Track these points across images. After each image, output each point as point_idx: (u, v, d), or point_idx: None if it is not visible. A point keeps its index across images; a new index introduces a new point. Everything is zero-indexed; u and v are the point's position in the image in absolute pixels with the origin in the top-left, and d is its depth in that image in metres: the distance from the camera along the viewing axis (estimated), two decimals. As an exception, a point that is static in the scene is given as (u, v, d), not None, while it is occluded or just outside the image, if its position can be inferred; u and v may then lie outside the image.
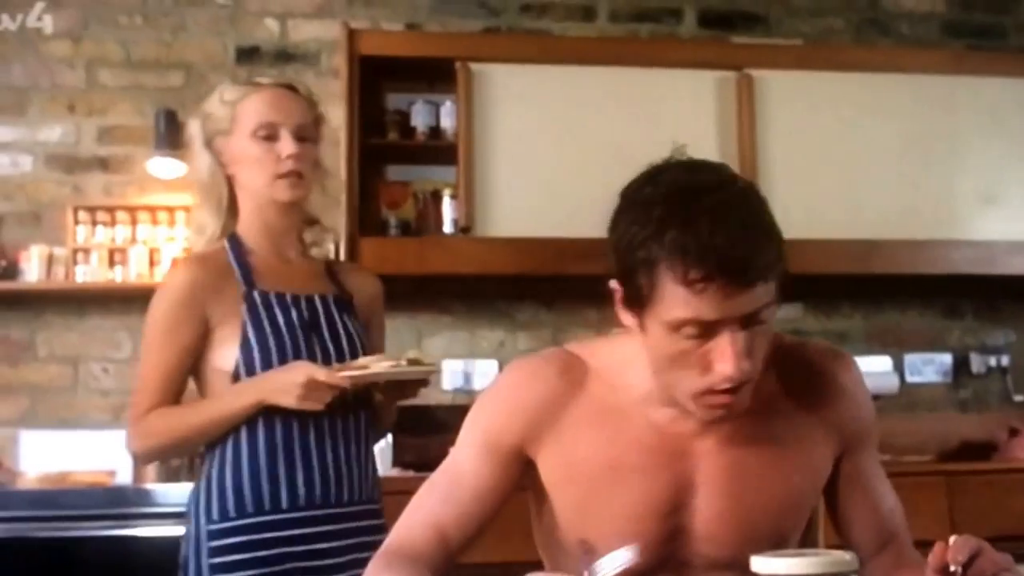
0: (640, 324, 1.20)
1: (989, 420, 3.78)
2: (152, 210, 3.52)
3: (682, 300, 1.13)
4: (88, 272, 3.43)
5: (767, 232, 1.16)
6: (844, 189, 3.51)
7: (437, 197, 3.53)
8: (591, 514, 1.29)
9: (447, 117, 3.52)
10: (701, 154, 1.25)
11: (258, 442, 1.85)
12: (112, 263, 3.45)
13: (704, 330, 1.14)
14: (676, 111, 3.44)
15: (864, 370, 1.42)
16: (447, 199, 3.47)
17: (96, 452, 3.30)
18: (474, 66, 3.41)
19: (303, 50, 3.75)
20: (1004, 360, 3.94)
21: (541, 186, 3.39)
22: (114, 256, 3.45)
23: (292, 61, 3.71)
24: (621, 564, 1.19)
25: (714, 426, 1.27)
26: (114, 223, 3.49)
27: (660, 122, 3.39)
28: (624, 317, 1.23)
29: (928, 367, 3.93)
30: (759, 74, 3.53)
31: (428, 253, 3.36)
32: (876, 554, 1.36)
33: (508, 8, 3.88)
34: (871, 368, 3.56)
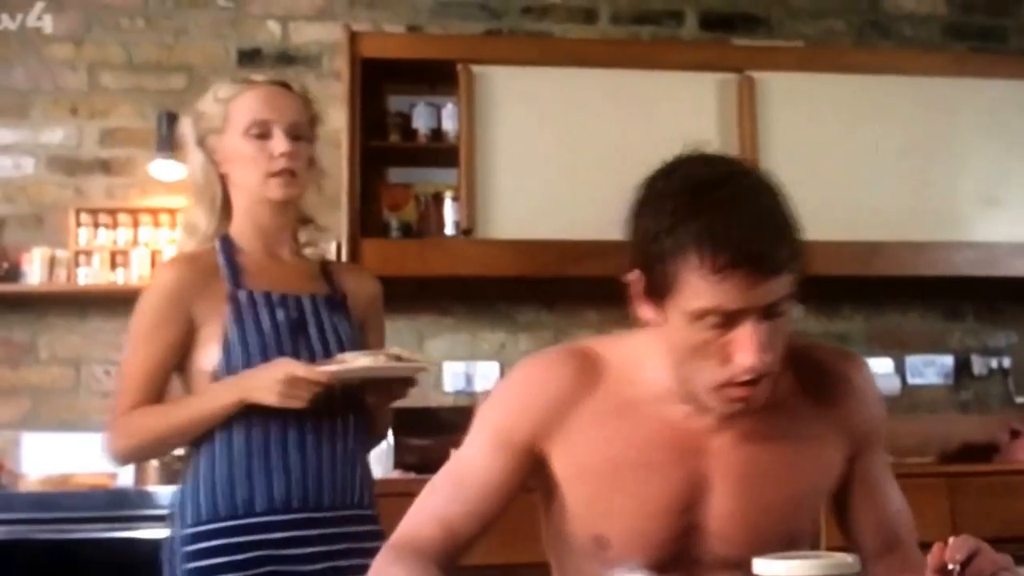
0: (660, 315, 1.20)
1: (990, 422, 3.77)
2: (154, 212, 3.53)
3: (704, 289, 1.13)
4: (90, 274, 3.43)
5: (788, 223, 1.17)
6: (845, 191, 3.50)
7: (438, 199, 3.53)
8: (605, 510, 1.29)
9: (448, 119, 3.52)
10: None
11: (234, 444, 1.81)
12: (114, 265, 3.45)
13: (725, 320, 1.14)
14: (677, 113, 3.44)
15: (866, 372, 1.41)
16: (448, 201, 3.47)
17: (98, 454, 3.28)
18: (475, 68, 3.41)
19: (304, 52, 3.75)
20: (1005, 362, 3.94)
21: (542, 188, 3.39)
22: (116, 258, 3.46)
23: (293, 63, 3.71)
24: None
25: (729, 423, 1.27)
26: (116, 225, 3.50)
27: (661, 124, 3.38)
28: (643, 310, 1.23)
29: (929, 369, 3.93)
30: (760, 76, 3.53)
31: (429, 255, 3.36)
32: (881, 556, 1.35)
33: (509, 10, 3.88)
34: (872, 370, 3.55)
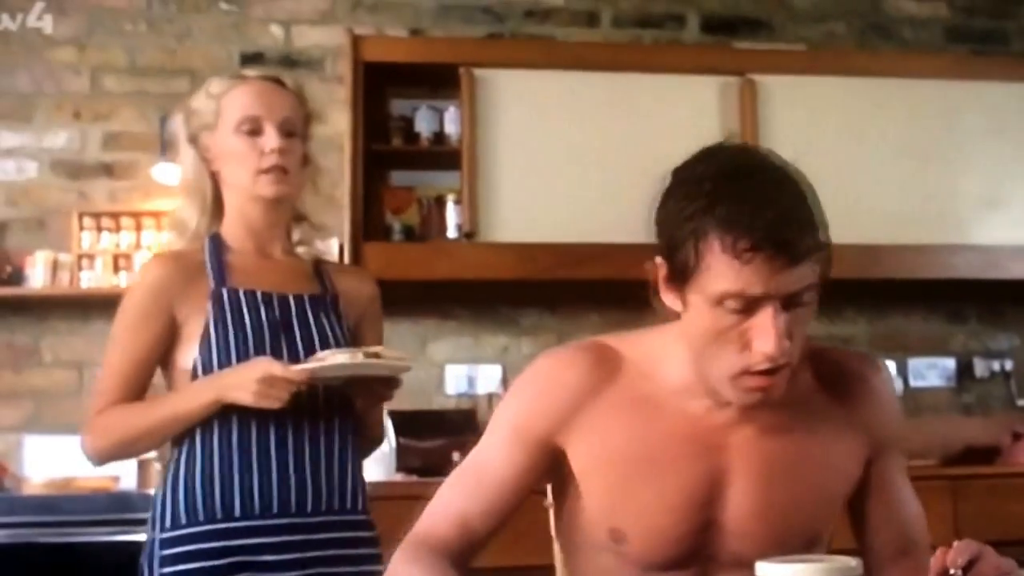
0: (682, 301, 1.20)
1: (993, 424, 3.77)
2: (157, 216, 3.52)
3: (728, 271, 1.12)
4: (93, 278, 3.44)
5: (816, 213, 1.17)
6: (847, 194, 3.50)
7: (441, 202, 3.53)
8: (622, 503, 1.28)
9: (451, 123, 3.53)
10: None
11: (212, 445, 1.75)
12: (117, 269, 3.45)
13: (747, 305, 1.14)
14: (679, 116, 3.44)
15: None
16: (451, 204, 3.48)
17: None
18: (478, 72, 3.41)
19: (307, 56, 3.75)
20: (1008, 364, 3.94)
21: (545, 191, 3.39)
22: (119, 262, 3.46)
23: (296, 67, 3.71)
24: None
25: (750, 418, 1.26)
26: (119, 229, 3.50)
27: (663, 127, 3.39)
28: (666, 296, 1.23)
29: (932, 371, 3.92)
30: (762, 79, 3.53)
31: (432, 258, 3.36)
32: (896, 560, 1.34)
33: (512, 14, 3.89)
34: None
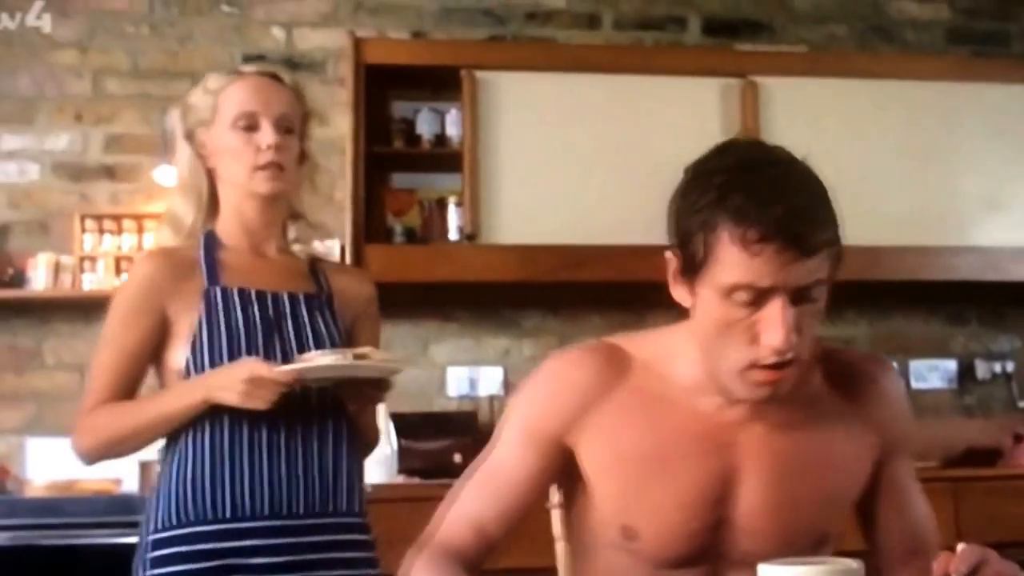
0: (692, 294, 1.21)
1: (994, 426, 3.78)
2: (159, 218, 3.51)
3: (737, 262, 1.13)
4: (95, 280, 3.44)
5: (827, 209, 1.19)
6: (848, 195, 3.42)
7: (442, 204, 3.54)
8: (633, 501, 1.28)
9: (452, 125, 3.53)
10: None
11: (201, 446, 1.73)
12: (119, 271, 3.45)
13: (755, 298, 1.14)
14: (680, 118, 3.44)
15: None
16: (452, 206, 3.48)
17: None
18: (479, 74, 3.42)
19: (309, 59, 3.76)
20: (1009, 366, 3.93)
21: (546, 193, 3.39)
22: (121, 264, 3.46)
23: (298, 70, 3.71)
24: None
25: (760, 416, 1.26)
26: (121, 231, 3.51)
27: (665, 129, 3.39)
28: (676, 291, 1.24)
29: (933, 373, 3.92)
30: (763, 81, 3.54)
31: (433, 260, 3.37)
32: (906, 562, 1.34)
33: (513, 16, 3.89)
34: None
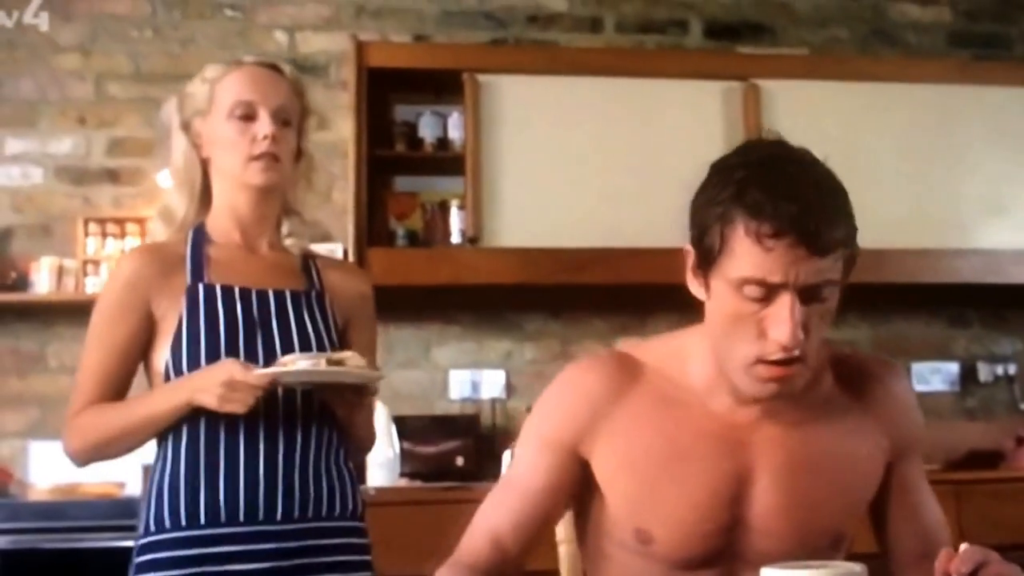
0: (706, 287, 1.22)
1: (996, 429, 3.78)
2: (160, 220, 3.54)
3: (750, 256, 1.15)
4: (98, 284, 3.43)
5: (843, 210, 1.21)
6: (850, 198, 3.50)
7: (445, 208, 3.55)
8: (648, 503, 1.29)
9: (454, 128, 3.54)
10: (706, 164, 1.27)
11: (182, 450, 1.68)
12: (121, 274, 3.46)
13: (766, 293, 1.16)
14: (682, 121, 3.45)
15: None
16: (455, 209, 3.49)
17: (105, 463, 3.29)
18: (481, 77, 3.42)
19: (312, 62, 3.76)
20: (1011, 369, 3.94)
21: (548, 196, 3.40)
22: (123, 267, 3.47)
23: (301, 73, 3.68)
24: None
25: (773, 416, 1.27)
26: (124, 235, 3.52)
27: (666, 132, 3.40)
28: (692, 285, 1.25)
29: (935, 376, 3.92)
30: (765, 84, 3.54)
31: (436, 263, 3.37)
32: (918, 564, 1.33)
33: (515, 20, 3.90)
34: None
